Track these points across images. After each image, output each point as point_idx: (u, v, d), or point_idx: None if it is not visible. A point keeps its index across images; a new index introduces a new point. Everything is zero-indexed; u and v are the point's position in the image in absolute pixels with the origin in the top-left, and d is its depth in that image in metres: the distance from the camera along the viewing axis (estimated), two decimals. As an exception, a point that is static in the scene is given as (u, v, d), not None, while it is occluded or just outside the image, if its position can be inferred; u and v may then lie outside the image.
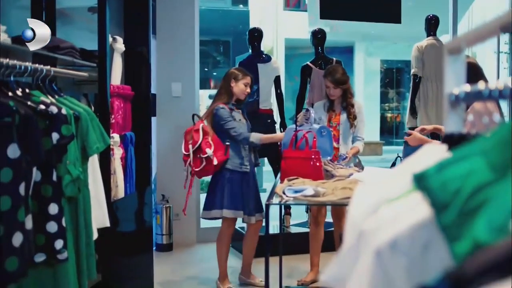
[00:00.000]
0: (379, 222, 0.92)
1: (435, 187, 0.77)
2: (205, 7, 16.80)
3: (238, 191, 4.38)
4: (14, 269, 2.08)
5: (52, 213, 2.40)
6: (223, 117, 4.34)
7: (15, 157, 2.08)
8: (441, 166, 0.76)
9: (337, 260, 0.95)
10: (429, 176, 0.78)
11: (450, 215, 0.74)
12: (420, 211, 0.83)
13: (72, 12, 3.78)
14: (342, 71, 4.53)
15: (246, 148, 4.43)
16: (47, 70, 2.67)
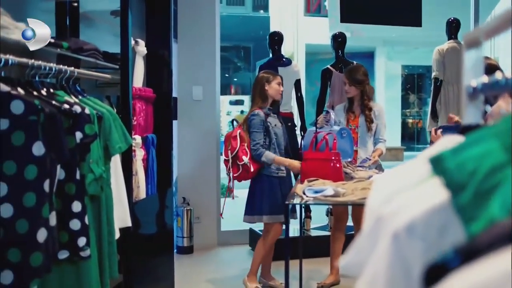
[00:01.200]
0: (396, 208, 0.93)
1: (451, 168, 0.78)
2: (226, 13, 16.92)
3: (278, 196, 4.39)
4: (38, 264, 2.12)
5: (75, 211, 2.44)
6: (253, 126, 4.38)
7: (40, 155, 2.13)
8: (457, 148, 0.78)
9: (354, 246, 0.96)
10: (445, 158, 0.79)
11: (466, 195, 0.75)
12: (437, 195, 0.84)
13: (95, 16, 3.83)
14: (363, 71, 4.53)
15: (281, 153, 4.45)
16: (71, 71, 2.72)
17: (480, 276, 0.53)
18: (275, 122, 4.46)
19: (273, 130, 4.41)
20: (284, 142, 4.51)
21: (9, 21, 2.29)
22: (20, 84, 2.32)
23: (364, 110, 4.50)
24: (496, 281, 0.52)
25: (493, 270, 0.53)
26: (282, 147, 4.45)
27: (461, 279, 0.55)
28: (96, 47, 3.17)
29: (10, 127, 2.10)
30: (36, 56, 2.67)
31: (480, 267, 0.54)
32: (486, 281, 0.52)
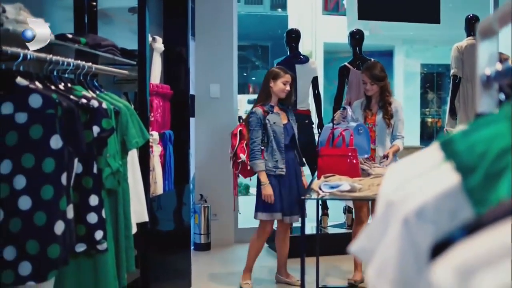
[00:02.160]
0: (406, 193, 0.93)
1: (461, 150, 0.77)
2: (244, 12, 16.93)
3: (275, 194, 4.37)
4: (56, 256, 2.14)
5: (92, 205, 2.46)
6: (251, 125, 4.39)
7: (57, 148, 2.15)
8: (467, 131, 0.77)
9: (366, 232, 0.96)
10: (455, 140, 0.79)
11: (476, 178, 0.75)
12: (447, 180, 0.84)
13: (113, 13, 3.87)
14: (380, 67, 4.50)
15: (281, 150, 4.40)
16: (88, 66, 2.75)
17: (481, 247, 0.53)
18: (275, 119, 4.40)
19: (272, 127, 4.35)
20: (287, 139, 4.42)
21: (28, 17, 2.31)
22: (38, 78, 2.35)
23: (383, 106, 4.45)
24: (496, 251, 0.52)
25: (493, 241, 0.53)
26: (282, 145, 4.38)
27: (463, 250, 0.55)
28: (114, 43, 3.19)
29: (28, 121, 2.13)
30: (54, 51, 2.70)
31: (481, 239, 0.54)
32: (487, 252, 0.53)
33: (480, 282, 0.49)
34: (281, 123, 4.42)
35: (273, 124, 4.36)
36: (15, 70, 2.21)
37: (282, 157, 4.39)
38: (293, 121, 4.51)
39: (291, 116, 4.53)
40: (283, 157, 4.39)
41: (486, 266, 0.51)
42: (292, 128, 4.48)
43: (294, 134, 4.48)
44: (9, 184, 2.11)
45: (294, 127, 4.49)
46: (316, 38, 16.57)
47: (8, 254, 2.10)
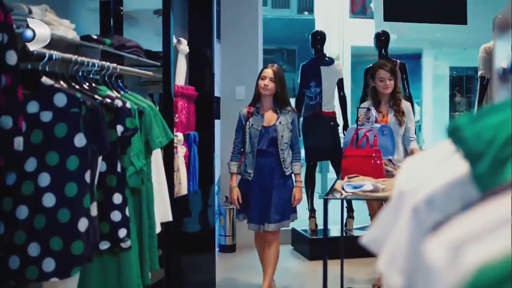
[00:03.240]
0: (417, 183, 0.93)
1: (469, 137, 0.77)
2: (271, 15, 16.96)
3: (244, 199, 4.26)
4: (79, 253, 2.18)
5: (116, 203, 2.49)
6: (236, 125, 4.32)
7: (81, 146, 2.19)
8: (475, 117, 0.77)
9: (377, 222, 0.96)
10: (463, 126, 0.79)
11: (483, 165, 0.75)
12: (457, 168, 0.84)
13: (138, 15, 3.92)
14: (393, 63, 4.47)
15: (253, 154, 4.20)
16: (113, 67, 2.79)
17: (471, 223, 0.53)
18: (254, 121, 4.18)
19: (249, 130, 4.18)
20: (263, 143, 4.16)
21: (53, 18, 2.36)
22: (64, 78, 2.39)
23: (394, 104, 4.36)
24: (484, 226, 0.52)
25: (483, 217, 0.53)
26: (255, 149, 4.16)
27: (454, 226, 0.55)
28: (138, 45, 3.23)
29: (53, 119, 2.17)
30: (80, 52, 2.75)
31: (472, 215, 0.55)
32: (476, 227, 0.53)
33: (468, 255, 0.49)
34: (260, 125, 4.17)
35: (251, 126, 4.19)
36: (41, 70, 2.25)
37: (252, 162, 4.19)
38: (286, 124, 4.17)
39: (285, 119, 4.20)
40: (253, 161, 4.18)
41: (475, 240, 0.51)
42: (275, 131, 4.17)
43: (275, 138, 4.17)
44: (34, 182, 2.15)
45: (281, 131, 4.16)
46: (343, 42, 16.52)
47: (32, 250, 2.14)
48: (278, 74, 4.19)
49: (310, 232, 5.89)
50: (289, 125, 4.17)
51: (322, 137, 5.68)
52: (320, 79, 5.65)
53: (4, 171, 2.09)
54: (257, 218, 4.22)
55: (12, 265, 2.13)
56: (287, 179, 4.24)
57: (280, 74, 4.21)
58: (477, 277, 0.45)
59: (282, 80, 4.19)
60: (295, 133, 4.26)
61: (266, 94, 4.15)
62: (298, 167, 4.24)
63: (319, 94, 5.65)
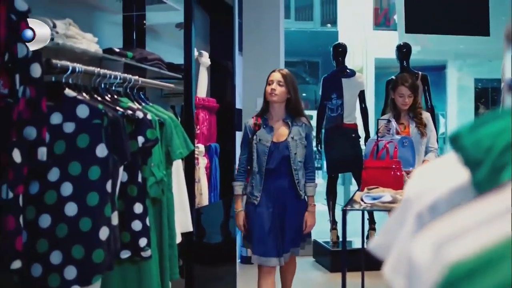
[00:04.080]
0: (423, 189, 0.95)
1: (469, 145, 0.80)
2: (294, 28, 17.04)
3: (250, 227, 3.69)
4: (100, 261, 2.22)
5: (137, 212, 2.54)
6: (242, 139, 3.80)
7: (103, 156, 2.24)
8: (474, 125, 0.80)
9: (383, 229, 0.98)
10: (463, 135, 0.81)
11: (482, 172, 0.77)
12: (460, 175, 0.86)
13: (161, 28, 3.98)
14: (412, 77, 4.46)
15: (261, 174, 3.61)
16: (135, 79, 2.85)
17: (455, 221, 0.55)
18: (262, 135, 3.61)
19: (256, 146, 3.60)
20: (273, 162, 3.59)
21: (77, 32, 2.42)
22: (86, 90, 2.45)
23: (415, 116, 4.31)
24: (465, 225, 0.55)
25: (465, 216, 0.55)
26: (263, 169, 3.58)
27: (440, 224, 0.57)
28: (160, 58, 3.29)
29: (75, 130, 2.23)
30: (103, 65, 2.82)
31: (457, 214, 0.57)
32: (458, 225, 0.55)
33: (447, 252, 0.52)
34: (269, 141, 3.59)
35: (258, 141, 3.61)
36: (64, 82, 2.31)
37: (259, 183, 3.60)
38: (300, 140, 3.60)
39: (298, 133, 3.62)
40: (261, 183, 3.60)
41: (456, 237, 0.53)
42: (287, 148, 3.58)
43: (287, 157, 3.59)
44: (57, 191, 2.21)
45: (294, 148, 3.58)
46: (367, 54, 16.51)
47: (55, 258, 2.19)
48: (288, 78, 3.63)
49: (332, 244, 5.88)
50: (303, 140, 3.60)
51: (343, 149, 5.68)
52: (342, 91, 5.67)
53: (28, 180, 2.14)
54: (261, 250, 3.61)
55: (35, 273, 2.18)
56: (303, 204, 3.67)
57: (291, 78, 3.65)
58: (450, 273, 0.47)
59: (293, 86, 3.64)
60: (310, 149, 3.70)
61: (275, 101, 3.59)
62: (312, 188, 3.66)
63: (340, 106, 5.67)
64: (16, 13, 2.00)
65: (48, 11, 2.57)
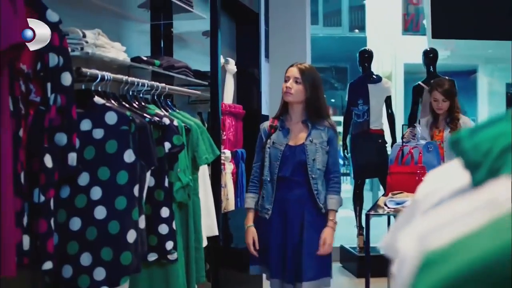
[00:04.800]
0: (430, 190, 0.99)
1: (468, 148, 0.84)
2: (322, 34, 17.06)
3: (261, 243, 3.13)
4: (128, 263, 2.29)
5: (163, 216, 2.61)
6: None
7: (130, 162, 2.31)
8: (474, 130, 0.84)
9: (391, 228, 1.02)
10: (463, 139, 0.85)
11: (481, 173, 0.81)
12: (464, 177, 0.90)
13: (188, 36, 4.06)
14: (451, 83, 4.43)
15: (273, 183, 3.07)
16: (162, 87, 2.92)
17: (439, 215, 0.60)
18: (277, 138, 3.08)
19: (269, 150, 3.06)
20: (287, 169, 3.03)
21: (105, 41, 2.51)
22: (115, 97, 2.54)
23: (451, 122, 4.30)
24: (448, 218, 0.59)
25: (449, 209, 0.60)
26: (275, 176, 3.03)
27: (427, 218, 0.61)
28: (187, 65, 3.37)
29: (104, 136, 2.31)
30: (132, 73, 2.90)
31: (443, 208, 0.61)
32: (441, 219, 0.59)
33: (429, 242, 0.56)
34: (283, 144, 3.06)
35: (271, 145, 3.09)
36: (94, 90, 2.40)
37: (271, 194, 3.06)
38: (320, 144, 3.05)
39: (319, 136, 3.06)
40: (272, 193, 3.05)
41: (437, 230, 0.58)
42: (303, 152, 3.03)
43: (304, 162, 3.03)
44: (87, 195, 2.29)
45: (312, 152, 3.02)
46: (396, 59, 16.43)
47: (85, 260, 2.27)
48: (308, 73, 3.10)
49: (358, 249, 5.88)
50: (324, 144, 3.04)
51: (370, 154, 5.69)
52: (368, 97, 5.69)
53: (59, 185, 2.22)
54: (280, 273, 3.07)
55: (65, 274, 2.26)
56: (323, 219, 3.07)
57: (311, 74, 3.11)
58: (425, 257, 0.53)
59: (314, 83, 3.09)
60: (334, 156, 3.10)
61: (291, 101, 3.08)
62: (334, 201, 3.05)
63: (366, 112, 5.69)
64: (48, 24, 2.09)
65: (78, 21, 2.66)
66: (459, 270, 0.49)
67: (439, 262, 0.51)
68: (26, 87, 2.02)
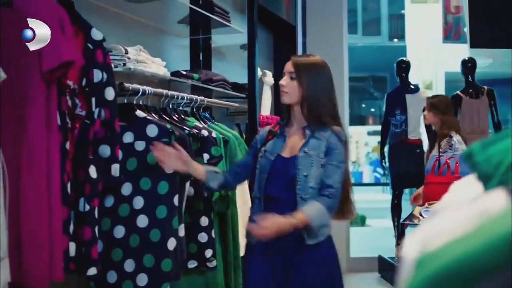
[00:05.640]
0: (448, 201, 1.06)
1: (481, 161, 0.90)
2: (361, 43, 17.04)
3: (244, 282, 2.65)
4: (168, 269, 2.38)
5: (203, 225, 2.70)
6: None
7: (171, 172, 2.41)
8: (487, 143, 0.90)
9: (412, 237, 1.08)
10: (476, 152, 0.91)
11: (492, 184, 0.88)
12: (477, 188, 0.96)
13: (226, 50, 4.16)
14: (442, 99, 4.36)
15: (259, 200, 2.40)
16: (200, 99, 3.02)
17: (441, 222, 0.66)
18: (272, 147, 2.42)
19: (261, 159, 2.40)
20: (274, 189, 2.35)
21: (146, 57, 2.62)
22: (155, 111, 2.65)
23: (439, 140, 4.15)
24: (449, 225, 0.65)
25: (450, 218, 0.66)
26: (261, 192, 2.37)
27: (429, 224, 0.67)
28: (225, 78, 3.47)
29: (146, 148, 2.41)
30: (171, 86, 3.02)
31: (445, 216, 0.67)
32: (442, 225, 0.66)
33: (427, 245, 0.63)
34: (275, 153, 2.40)
35: (264, 153, 2.42)
36: (135, 104, 2.51)
37: (257, 214, 2.31)
38: (317, 155, 2.34)
39: (318, 146, 2.36)
40: (258, 215, 2.27)
41: (435, 235, 0.64)
42: (295, 166, 2.34)
43: (294, 178, 2.33)
44: (130, 204, 2.40)
45: (305, 167, 2.32)
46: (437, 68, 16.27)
47: (128, 266, 2.37)
48: (304, 66, 2.43)
49: (397, 259, 5.87)
50: (320, 155, 2.33)
51: (407, 164, 5.68)
52: (405, 107, 5.69)
53: (103, 194, 2.33)
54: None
55: (110, 279, 2.37)
56: (319, 254, 2.35)
57: (309, 66, 2.44)
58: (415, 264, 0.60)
59: (312, 77, 2.42)
60: (331, 169, 2.33)
61: (287, 102, 2.43)
62: (311, 209, 2.26)
63: (404, 122, 5.69)
64: (93, 42, 2.22)
65: (121, 37, 2.78)
66: (440, 269, 0.55)
67: (427, 263, 0.58)
68: (73, 102, 2.14)
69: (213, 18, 3.28)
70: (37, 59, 1.77)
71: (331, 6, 6.14)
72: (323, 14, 6.08)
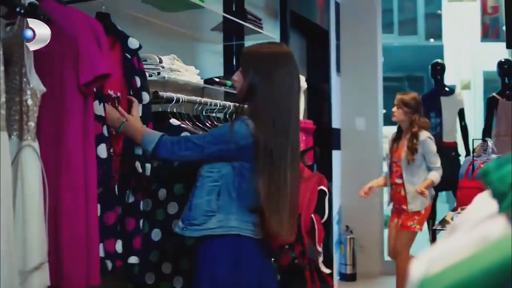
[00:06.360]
0: (466, 216, 1.09)
1: (495, 180, 0.94)
2: (397, 43, 16.89)
3: None
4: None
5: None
6: None
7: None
8: (501, 162, 0.93)
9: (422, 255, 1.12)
10: (491, 171, 0.94)
11: (507, 203, 0.91)
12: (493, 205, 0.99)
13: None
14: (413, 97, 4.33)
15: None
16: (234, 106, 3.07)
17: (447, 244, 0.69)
18: None
19: None
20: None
21: (180, 65, 2.69)
22: (189, 118, 2.71)
23: (408, 140, 4.14)
24: (452, 248, 0.69)
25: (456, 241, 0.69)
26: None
27: (437, 246, 0.71)
28: (257, 84, 3.50)
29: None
30: (205, 93, 3.08)
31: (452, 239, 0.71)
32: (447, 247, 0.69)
33: (430, 268, 0.66)
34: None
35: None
36: (169, 112, 2.58)
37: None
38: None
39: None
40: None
41: (441, 258, 0.68)
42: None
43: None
44: (164, 209, 2.47)
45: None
46: (475, 67, 16.03)
47: (166, 268, 2.46)
48: (249, 56, 2.30)
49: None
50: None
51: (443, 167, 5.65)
52: (440, 110, 5.67)
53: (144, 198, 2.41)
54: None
55: (149, 280, 2.47)
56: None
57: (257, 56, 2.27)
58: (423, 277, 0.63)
59: (256, 68, 2.23)
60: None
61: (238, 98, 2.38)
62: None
63: (439, 125, 5.66)
64: (130, 51, 2.30)
65: (156, 46, 2.86)
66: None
67: (427, 286, 0.62)
68: (117, 110, 2.24)
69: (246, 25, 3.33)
70: (75, 73, 1.85)
71: (365, 7, 6.14)
72: (357, 16, 6.08)
